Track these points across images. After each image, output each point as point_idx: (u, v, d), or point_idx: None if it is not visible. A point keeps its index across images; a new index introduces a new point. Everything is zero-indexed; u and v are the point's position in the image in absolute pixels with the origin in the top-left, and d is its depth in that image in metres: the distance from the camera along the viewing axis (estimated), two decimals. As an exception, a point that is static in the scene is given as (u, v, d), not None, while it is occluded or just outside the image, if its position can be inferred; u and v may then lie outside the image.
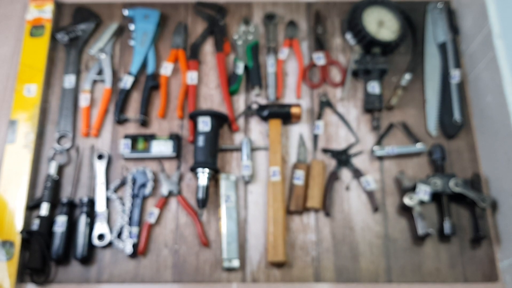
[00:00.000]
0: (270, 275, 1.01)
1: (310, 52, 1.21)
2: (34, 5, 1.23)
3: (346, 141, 1.12)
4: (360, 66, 1.15)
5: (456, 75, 1.16)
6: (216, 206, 1.07)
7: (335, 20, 1.25)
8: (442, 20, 1.22)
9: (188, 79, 1.17)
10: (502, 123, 1.01)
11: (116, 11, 1.26)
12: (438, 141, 1.12)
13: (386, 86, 1.17)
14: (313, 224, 1.05)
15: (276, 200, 1.04)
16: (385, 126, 1.13)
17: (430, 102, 1.15)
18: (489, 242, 1.03)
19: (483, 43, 1.10)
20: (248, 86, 1.18)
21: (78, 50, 1.20)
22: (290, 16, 1.25)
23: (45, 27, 1.21)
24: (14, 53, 1.22)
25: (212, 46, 1.23)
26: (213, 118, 1.08)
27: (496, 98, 1.04)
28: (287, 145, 1.12)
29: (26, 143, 1.10)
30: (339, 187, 1.08)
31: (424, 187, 1.02)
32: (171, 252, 1.03)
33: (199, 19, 1.26)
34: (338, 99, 1.16)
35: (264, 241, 1.04)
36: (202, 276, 1.01)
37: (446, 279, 1.01)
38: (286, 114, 1.11)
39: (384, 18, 1.18)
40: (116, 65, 1.21)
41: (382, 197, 1.07)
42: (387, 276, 1.01)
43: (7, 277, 0.99)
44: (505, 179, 1.00)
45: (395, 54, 1.20)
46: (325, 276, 1.01)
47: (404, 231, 1.04)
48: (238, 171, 1.10)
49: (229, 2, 1.27)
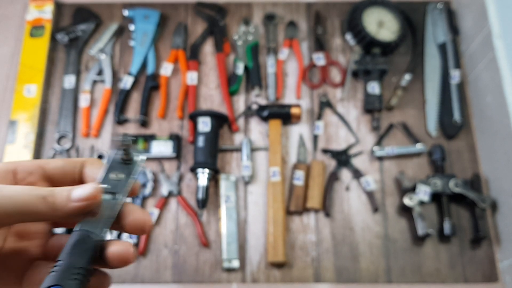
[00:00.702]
0: (270, 276, 1.01)
1: (310, 53, 1.21)
2: (34, 5, 1.23)
3: (346, 141, 1.12)
4: (360, 67, 1.15)
5: (456, 75, 1.16)
6: (216, 206, 1.07)
7: (335, 20, 1.25)
8: (442, 20, 1.22)
9: (188, 80, 1.17)
10: (502, 124, 1.01)
11: (116, 11, 1.26)
12: (438, 141, 1.12)
13: (386, 87, 1.17)
14: (313, 225, 1.05)
15: (276, 201, 1.04)
16: (385, 127, 1.13)
17: (430, 103, 1.15)
18: (489, 243, 1.03)
19: (483, 44, 1.10)
20: (248, 87, 1.18)
21: (78, 51, 1.20)
22: (290, 17, 1.25)
23: (45, 28, 1.21)
24: (14, 54, 1.22)
25: (212, 47, 1.23)
26: (213, 119, 1.08)
27: (496, 98, 1.04)
28: (287, 146, 1.12)
29: (26, 143, 1.10)
30: (339, 187, 1.08)
31: (424, 187, 1.02)
32: (171, 253, 1.03)
33: (199, 20, 1.26)
34: (338, 100, 1.16)
35: (264, 242, 1.04)
36: (202, 276, 1.01)
37: (446, 280, 1.01)
38: (286, 115, 1.11)
39: (384, 18, 1.18)
40: (116, 66, 1.21)
41: (382, 198, 1.07)
42: (387, 277, 1.01)
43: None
44: (505, 179, 1.00)
45: (395, 55, 1.21)
46: (325, 276, 1.01)
47: (404, 231, 1.04)
48: (238, 171, 1.10)
49: (229, 2, 1.27)
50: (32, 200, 0.32)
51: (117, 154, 0.37)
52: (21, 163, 0.36)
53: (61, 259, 0.32)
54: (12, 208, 0.31)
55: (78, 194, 0.33)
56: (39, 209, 0.32)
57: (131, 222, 0.35)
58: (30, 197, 0.32)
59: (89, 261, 0.33)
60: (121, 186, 0.36)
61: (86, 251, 0.33)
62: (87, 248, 0.33)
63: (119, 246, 0.33)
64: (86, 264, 0.32)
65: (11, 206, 0.31)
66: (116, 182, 0.36)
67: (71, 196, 0.33)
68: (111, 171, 0.37)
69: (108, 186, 0.36)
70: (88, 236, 0.33)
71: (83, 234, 0.34)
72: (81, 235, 0.34)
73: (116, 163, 0.37)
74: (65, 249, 0.33)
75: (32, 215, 0.32)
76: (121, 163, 0.37)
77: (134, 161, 0.38)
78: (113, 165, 0.37)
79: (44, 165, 0.36)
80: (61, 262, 0.32)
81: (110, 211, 0.35)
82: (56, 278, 0.31)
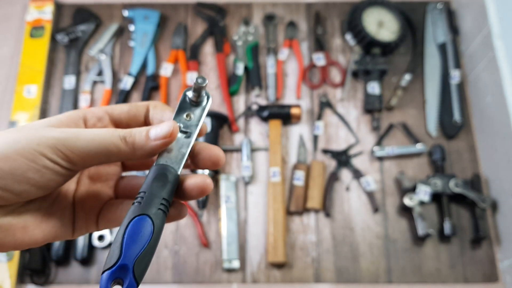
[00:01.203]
0: (270, 276, 1.01)
1: (310, 53, 1.21)
2: (34, 6, 1.23)
3: (346, 141, 1.12)
4: (360, 67, 1.15)
5: (456, 75, 1.16)
6: (216, 207, 1.07)
7: (335, 20, 1.25)
8: (442, 20, 1.22)
9: (188, 80, 1.17)
10: (502, 124, 1.01)
11: (116, 12, 1.26)
12: (438, 141, 1.12)
13: (386, 87, 1.17)
14: (313, 225, 1.05)
15: (276, 201, 1.04)
16: (385, 127, 1.13)
17: (430, 103, 1.15)
18: (489, 243, 1.03)
19: (482, 44, 1.10)
20: (248, 87, 1.18)
21: (78, 51, 1.21)
22: (290, 17, 1.25)
23: (45, 28, 1.21)
24: (14, 54, 1.22)
25: (212, 47, 1.23)
26: (213, 119, 1.08)
27: (496, 98, 1.04)
28: (287, 146, 1.12)
29: (26, 144, 1.10)
30: (339, 187, 1.08)
31: (424, 187, 1.02)
32: (171, 253, 1.03)
33: (199, 20, 1.26)
34: (338, 100, 1.16)
35: (264, 242, 1.04)
36: (202, 277, 1.01)
37: (446, 280, 1.01)
38: (286, 115, 1.11)
39: (384, 18, 1.18)
40: (116, 66, 1.21)
41: (382, 198, 1.07)
42: (387, 277, 1.01)
43: (8, 278, 0.99)
44: (505, 179, 1.00)
45: (395, 55, 1.21)
46: (325, 276, 1.01)
47: (404, 231, 1.04)
48: (238, 171, 1.10)
49: (229, 3, 1.27)
50: (113, 141, 0.34)
51: (188, 95, 0.39)
52: (89, 110, 0.38)
53: (143, 190, 0.34)
54: (96, 150, 0.33)
55: (156, 132, 0.35)
56: (120, 149, 0.34)
57: (205, 157, 0.37)
58: (112, 137, 0.34)
59: (170, 192, 0.35)
60: (192, 125, 0.38)
61: (167, 183, 0.34)
62: (167, 180, 0.35)
63: (197, 178, 0.36)
64: (167, 195, 0.34)
65: (94, 148, 0.33)
66: (187, 121, 0.38)
67: (149, 135, 0.35)
68: (181, 111, 0.38)
69: (181, 124, 0.38)
70: (168, 169, 0.35)
71: (163, 167, 0.35)
72: (161, 168, 0.35)
73: (185, 104, 0.39)
74: (147, 181, 0.34)
75: (114, 155, 0.34)
76: (190, 104, 0.39)
77: (204, 102, 0.39)
78: (182, 106, 0.38)
79: (110, 111, 0.38)
80: (144, 194, 0.34)
81: (185, 148, 0.37)
82: (141, 208, 0.33)
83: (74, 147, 0.33)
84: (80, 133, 0.33)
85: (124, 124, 0.38)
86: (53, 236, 0.36)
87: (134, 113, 0.38)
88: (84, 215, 0.38)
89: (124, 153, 0.34)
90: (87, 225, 0.38)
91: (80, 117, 0.37)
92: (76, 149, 0.33)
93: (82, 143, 0.33)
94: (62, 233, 0.37)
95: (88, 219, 0.38)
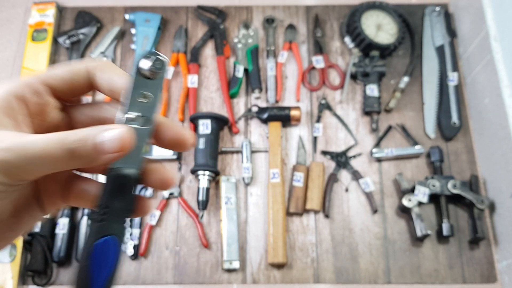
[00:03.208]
0: (270, 276, 1.02)
1: (309, 55, 1.22)
2: (36, 9, 1.24)
3: (345, 143, 1.13)
4: (359, 69, 1.16)
5: (454, 77, 1.17)
6: (216, 208, 1.07)
7: (334, 23, 1.26)
8: (440, 23, 1.23)
9: (188, 82, 1.18)
10: (499, 125, 1.02)
11: (118, 15, 1.27)
12: (436, 143, 1.13)
13: (385, 89, 1.18)
14: (312, 226, 1.06)
15: (276, 202, 1.05)
16: (384, 129, 1.14)
17: (428, 105, 1.16)
18: (487, 243, 1.04)
19: (480, 46, 1.11)
20: (248, 89, 1.19)
21: (79, 54, 1.21)
22: (290, 20, 1.26)
23: (47, 31, 1.22)
24: (16, 57, 1.23)
25: (212, 50, 1.24)
26: (213, 121, 1.09)
27: (493, 100, 1.05)
28: (286, 147, 1.13)
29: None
30: (338, 188, 1.09)
31: (422, 188, 1.03)
32: (172, 254, 1.04)
33: (199, 23, 1.27)
34: (337, 102, 1.17)
35: (264, 243, 1.04)
36: (202, 277, 1.02)
37: (445, 280, 1.01)
38: (286, 117, 1.12)
39: (383, 21, 1.19)
40: (117, 69, 1.21)
41: (381, 199, 1.08)
42: (386, 277, 1.02)
43: (10, 279, 0.99)
44: (503, 180, 1.01)
45: (393, 57, 1.22)
46: (325, 277, 1.02)
47: (403, 232, 1.05)
48: (238, 173, 1.10)
49: (229, 6, 1.28)
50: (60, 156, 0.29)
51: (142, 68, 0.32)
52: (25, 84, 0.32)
53: (103, 206, 0.30)
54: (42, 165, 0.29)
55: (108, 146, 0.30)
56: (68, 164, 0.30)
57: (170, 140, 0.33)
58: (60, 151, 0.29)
59: (132, 200, 0.31)
60: (149, 106, 0.31)
61: (128, 192, 0.31)
62: (128, 188, 0.31)
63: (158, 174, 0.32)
64: (130, 206, 0.31)
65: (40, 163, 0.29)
66: (143, 104, 0.31)
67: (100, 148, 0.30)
68: (135, 92, 0.31)
69: (138, 113, 0.31)
70: (126, 175, 0.31)
71: (119, 175, 0.31)
72: (119, 176, 0.31)
73: (139, 81, 0.32)
74: (106, 193, 0.31)
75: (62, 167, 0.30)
76: (145, 78, 0.32)
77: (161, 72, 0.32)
78: (136, 84, 0.31)
79: (50, 82, 0.33)
80: (104, 209, 0.30)
81: (144, 139, 0.31)
82: (105, 227, 0.30)
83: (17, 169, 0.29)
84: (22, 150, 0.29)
85: (66, 93, 0.34)
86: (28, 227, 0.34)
87: (71, 81, 0.33)
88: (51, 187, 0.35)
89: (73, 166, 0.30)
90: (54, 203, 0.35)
91: (18, 98, 0.31)
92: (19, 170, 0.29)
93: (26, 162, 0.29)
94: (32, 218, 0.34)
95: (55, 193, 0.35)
